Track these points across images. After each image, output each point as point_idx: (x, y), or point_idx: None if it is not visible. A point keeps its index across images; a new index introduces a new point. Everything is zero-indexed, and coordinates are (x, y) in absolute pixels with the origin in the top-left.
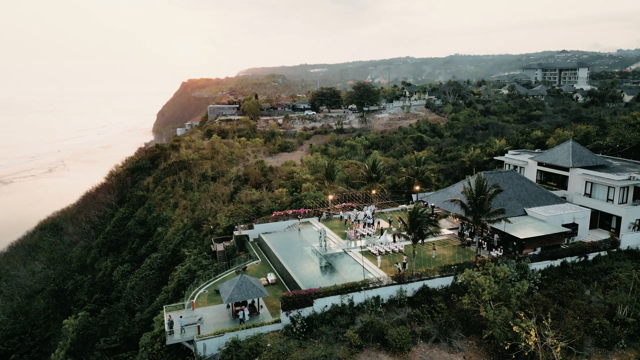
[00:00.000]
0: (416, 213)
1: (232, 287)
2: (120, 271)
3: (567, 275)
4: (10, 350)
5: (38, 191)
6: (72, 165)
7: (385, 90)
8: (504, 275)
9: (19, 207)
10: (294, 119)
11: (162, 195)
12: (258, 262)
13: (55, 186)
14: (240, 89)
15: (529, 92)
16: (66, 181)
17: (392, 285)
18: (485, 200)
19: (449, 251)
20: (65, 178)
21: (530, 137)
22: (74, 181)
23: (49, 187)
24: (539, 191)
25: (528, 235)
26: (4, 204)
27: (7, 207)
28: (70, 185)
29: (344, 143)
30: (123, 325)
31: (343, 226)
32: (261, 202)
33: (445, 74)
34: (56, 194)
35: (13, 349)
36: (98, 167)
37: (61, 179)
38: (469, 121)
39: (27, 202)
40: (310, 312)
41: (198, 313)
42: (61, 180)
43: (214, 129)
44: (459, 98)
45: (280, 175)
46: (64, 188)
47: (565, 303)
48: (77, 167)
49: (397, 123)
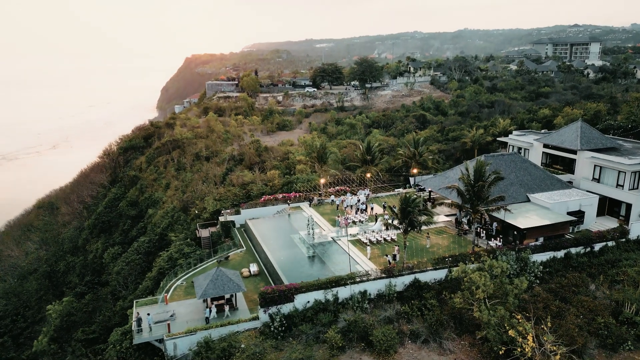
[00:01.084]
0: (407, 201)
1: (206, 281)
2: (111, 254)
3: (570, 267)
4: (3, 331)
5: (41, 168)
6: (76, 142)
7: (389, 66)
8: (500, 272)
9: (21, 185)
10: (294, 96)
11: (154, 175)
12: (242, 251)
13: (58, 163)
14: (244, 64)
15: (539, 67)
16: (69, 158)
17: (380, 278)
18: (484, 188)
19: (445, 240)
20: (69, 155)
21: (537, 115)
22: (77, 158)
23: (52, 164)
24: (543, 175)
25: (530, 224)
26: (7, 181)
27: (9, 184)
28: (72, 163)
29: (344, 122)
30: (103, 315)
31: (335, 212)
32: (252, 184)
33: (454, 49)
34: (58, 171)
35: (5, 331)
36: (101, 145)
37: (65, 155)
38: (475, 98)
39: (29, 180)
40: (291, 308)
41: (172, 308)
42: (65, 157)
43: (210, 106)
44: (465, 74)
45: (276, 155)
46: (66, 165)
47: (567, 299)
48: (81, 143)
49: (400, 100)
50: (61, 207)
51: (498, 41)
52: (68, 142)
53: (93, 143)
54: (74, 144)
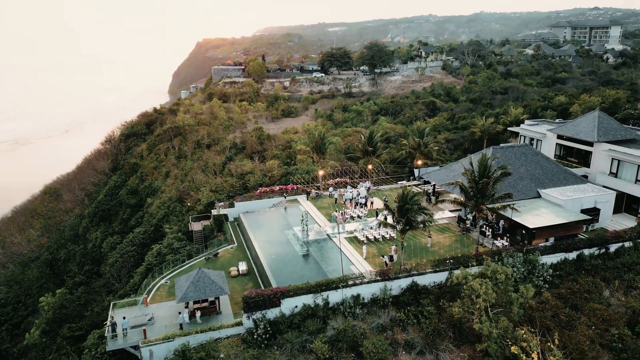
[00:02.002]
0: (405, 198)
1: (187, 283)
2: (110, 243)
3: (583, 270)
4: (4, 319)
5: (52, 153)
6: (88, 127)
7: (400, 51)
8: (504, 278)
9: (31, 169)
10: (301, 82)
11: (154, 163)
12: (233, 247)
13: (69, 148)
14: (254, 48)
15: (556, 52)
16: (80, 143)
17: (375, 282)
18: (489, 185)
19: (448, 239)
20: (80, 140)
21: (552, 103)
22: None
23: (63, 149)
24: (556, 169)
25: (539, 224)
26: (18, 165)
27: (20, 169)
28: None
29: (351, 108)
30: (91, 311)
31: (333, 206)
32: (250, 175)
33: (469, 33)
34: (68, 156)
35: (7, 319)
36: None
37: (76, 141)
38: (488, 84)
39: (40, 164)
40: (277, 314)
41: (151, 311)
42: (76, 142)
43: (215, 92)
44: (479, 59)
45: (278, 144)
46: (76, 150)
47: (578, 307)
48: (93, 128)
49: (410, 86)
50: (63, 194)
51: (515, 24)
52: (80, 127)
53: (104, 128)
54: (86, 129)
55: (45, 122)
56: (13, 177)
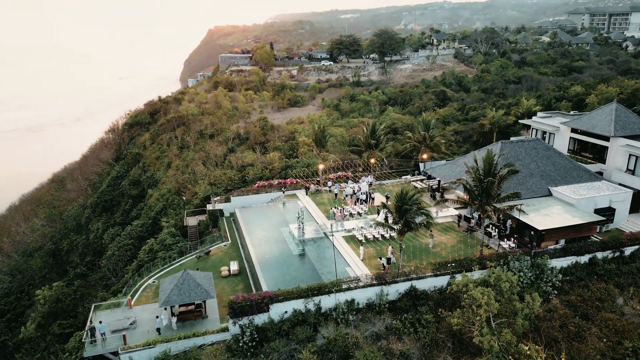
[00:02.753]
0: (403, 198)
1: (171, 286)
2: (111, 234)
3: (595, 275)
4: (7, 309)
5: (64, 141)
6: (100, 115)
7: (411, 38)
8: (509, 286)
9: (42, 157)
10: (309, 70)
11: (157, 153)
12: (227, 245)
13: (80, 137)
14: (265, 36)
15: (573, 40)
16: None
17: (371, 286)
18: (494, 184)
19: (451, 239)
20: (91, 129)
21: (567, 93)
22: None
23: (75, 137)
24: (569, 165)
25: (550, 225)
26: (30, 153)
27: (31, 157)
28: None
29: (358, 98)
30: (83, 307)
31: (333, 202)
32: (249, 167)
33: (484, 20)
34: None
35: (10, 308)
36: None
37: (87, 128)
38: (501, 73)
39: (50, 152)
40: (265, 319)
41: (135, 314)
42: (87, 131)
43: (221, 81)
44: (493, 47)
45: (281, 135)
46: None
47: (589, 316)
48: (105, 116)
49: (420, 75)
50: (67, 183)
51: (532, 11)
52: (92, 115)
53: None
54: (98, 117)
55: (58, 110)
56: (24, 165)
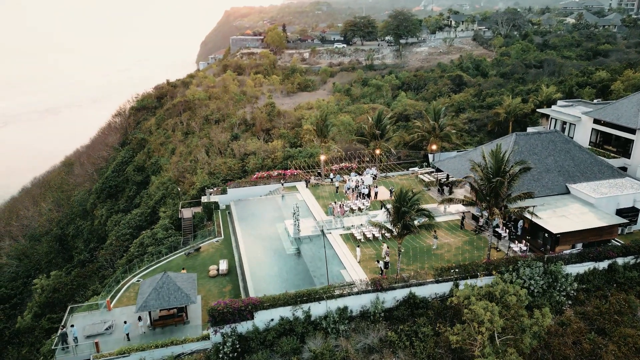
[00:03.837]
0: (402, 199)
1: (149, 289)
2: (114, 221)
3: (615, 283)
4: (14, 293)
5: (79, 123)
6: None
7: (428, 20)
8: (516, 300)
9: (58, 139)
10: (322, 53)
11: (162, 139)
12: (219, 241)
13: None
14: (281, 17)
15: (600, 21)
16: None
17: (366, 292)
18: (504, 184)
19: (458, 239)
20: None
21: (591, 79)
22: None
23: (89, 120)
24: (590, 160)
25: (566, 228)
26: (48, 134)
27: (48, 138)
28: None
29: (370, 83)
30: (74, 301)
31: (334, 196)
32: (251, 156)
33: (507, 0)
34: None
35: (16, 292)
36: (130, 102)
37: (102, 111)
38: (521, 57)
39: (65, 134)
40: (250, 327)
41: (113, 317)
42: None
43: (230, 64)
44: (514, 29)
45: (288, 121)
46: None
47: (607, 331)
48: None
49: (436, 58)
50: (75, 168)
51: None
52: (109, 96)
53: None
54: (114, 100)
55: (75, 93)
56: (38, 147)
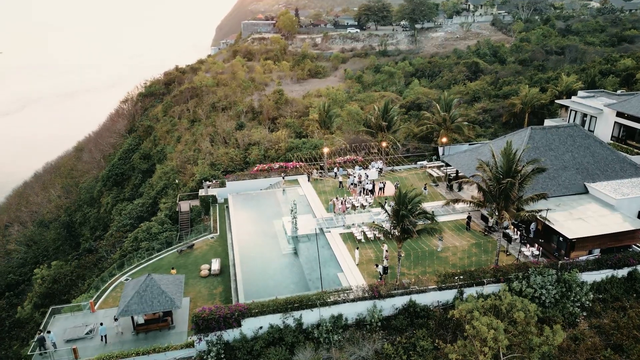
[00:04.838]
0: (402, 201)
1: (132, 292)
2: (119, 210)
3: (635, 294)
4: (22, 279)
5: (93, 107)
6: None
7: (445, 4)
8: (524, 316)
9: (74, 123)
10: (334, 38)
11: (168, 126)
12: (214, 238)
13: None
14: (297, 1)
15: (626, 5)
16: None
17: (362, 299)
18: (514, 186)
19: (465, 241)
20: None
21: (615, 67)
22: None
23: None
24: (611, 157)
25: (582, 232)
26: (64, 119)
27: (63, 122)
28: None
29: (383, 69)
30: (70, 294)
31: (336, 191)
32: (254, 147)
33: None
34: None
35: (25, 279)
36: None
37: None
38: (542, 43)
39: (80, 119)
40: (237, 335)
41: (96, 319)
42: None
43: (240, 50)
44: (535, 13)
45: (295, 109)
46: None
47: (624, 348)
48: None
49: (452, 44)
50: (84, 154)
51: None
52: (126, 80)
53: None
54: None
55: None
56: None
